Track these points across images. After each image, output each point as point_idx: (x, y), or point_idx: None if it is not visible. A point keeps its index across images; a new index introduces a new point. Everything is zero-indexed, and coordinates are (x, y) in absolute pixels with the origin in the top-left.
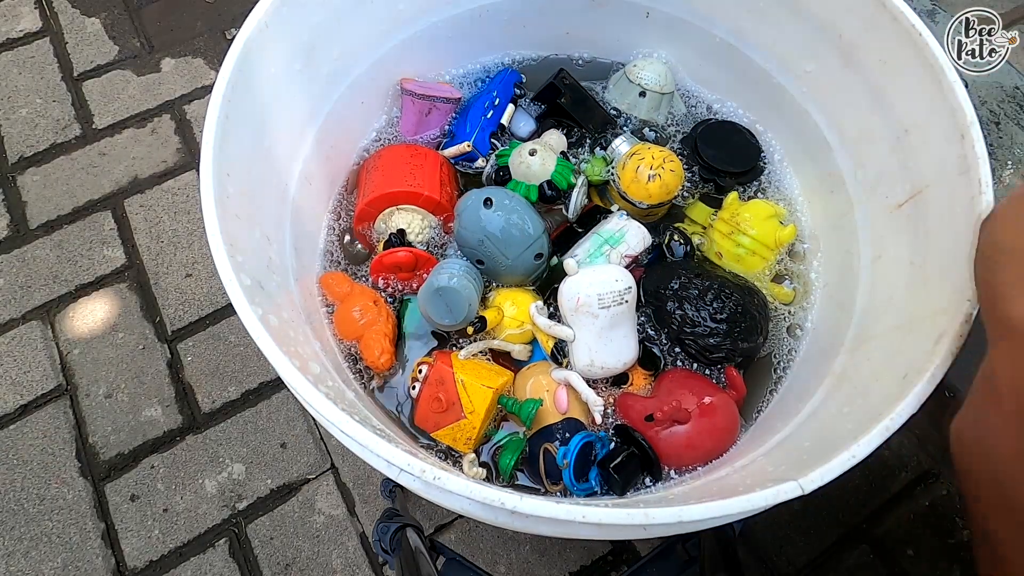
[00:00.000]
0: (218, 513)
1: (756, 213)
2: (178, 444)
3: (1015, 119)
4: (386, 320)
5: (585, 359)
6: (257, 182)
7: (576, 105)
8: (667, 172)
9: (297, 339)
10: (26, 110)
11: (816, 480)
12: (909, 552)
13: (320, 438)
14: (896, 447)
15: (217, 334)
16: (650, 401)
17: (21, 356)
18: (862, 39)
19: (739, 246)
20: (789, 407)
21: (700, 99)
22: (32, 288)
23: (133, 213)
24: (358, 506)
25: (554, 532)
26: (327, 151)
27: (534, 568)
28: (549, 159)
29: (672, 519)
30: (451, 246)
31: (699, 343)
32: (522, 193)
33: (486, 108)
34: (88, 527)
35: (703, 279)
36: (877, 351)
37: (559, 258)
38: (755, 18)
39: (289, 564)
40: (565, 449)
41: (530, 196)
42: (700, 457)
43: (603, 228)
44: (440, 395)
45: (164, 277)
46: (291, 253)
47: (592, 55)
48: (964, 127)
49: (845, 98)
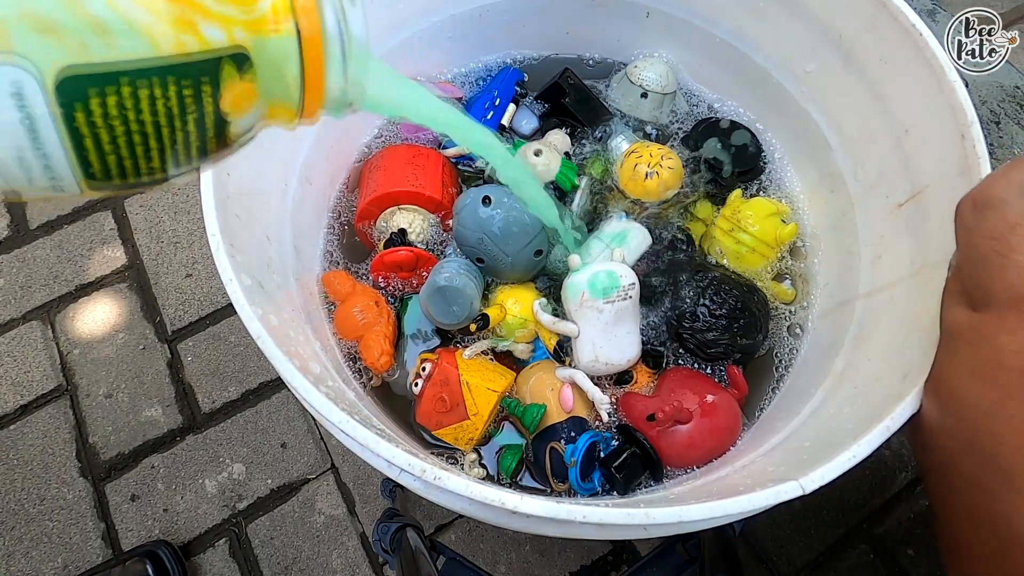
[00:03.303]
0: (218, 513)
1: (758, 211)
2: (178, 444)
3: (1015, 119)
4: (387, 321)
5: (589, 355)
6: (257, 182)
7: (580, 105)
8: (665, 170)
9: (297, 339)
10: None
11: (816, 480)
12: (909, 552)
13: (320, 438)
14: (896, 447)
15: (217, 334)
16: (652, 400)
17: (21, 356)
18: (862, 39)
19: (739, 243)
20: (789, 407)
21: (700, 98)
22: (32, 288)
23: (133, 213)
24: (358, 506)
25: (554, 532)
26: (327, 150)
27: (534, 568)
28: (554, 160)
29: (672, 519)
30: (451, 245)
31: (697, 338)
32: None
33: (486, 108)
34: (88, 527)
35: (703, 275)
36: (877, 351)
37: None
38: (755, 18)
39: (289, 564)
40: (572, 447)
41: None
42: (702, 456)
43: (604, 231)
44: (444, 395)
45: (164, 277)
46: (291, 253)
47: (593, 55)
48: (964, 127)
49: (845, 98)
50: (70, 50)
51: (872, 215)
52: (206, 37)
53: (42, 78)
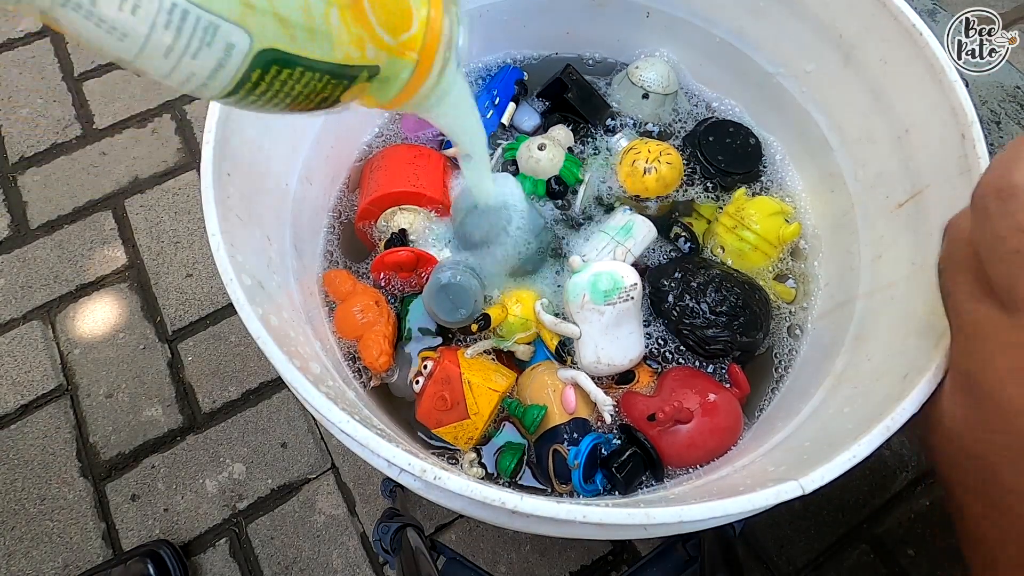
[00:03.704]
0: (218, 513)
1: (761, 209)
2: (178, 444)
3: (1015, 119)
4: (387, 321)
5: (592, 356)
6: (258, 182)
7: (583, 101)
8: (664, 165)
9: (297, 339)
10: (27, 110)
11: (816, 480)
12: (909, 552)
13: (320, 438)
14: (896, 447)
15: (217, 334)
16: (653, 400)
17: (21, 356)
18: (862, 39)
19: (742, 241)
20: (790, 407)
21: (700, 98)
22: (32, 288)
23: (133, 213)
24: (358, 506)
25: (554, 532)
26: (328, 150)
27: (534, 568)
28: (558, 155)
29: (672, 519)
30: (451, 245)
31: (697, 334)
32: (529, 188)
33: (486, 108)
34: (89, 527)
35: (705, 271)
36: (877, 351)
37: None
38: (755, 18)
39: (289, 564)
40: (576, 450)
41: (537, 191)
42: (703, 456)
43: (608, 224)
44: (445, 394)
45: (164, 277)
46: (291, 253)
47: (594, 54)
48: (965, 127)
49: (845, 98)
50: (282, 37)
51: (872, 215)
52: (367, 55)
53: (251, 45)
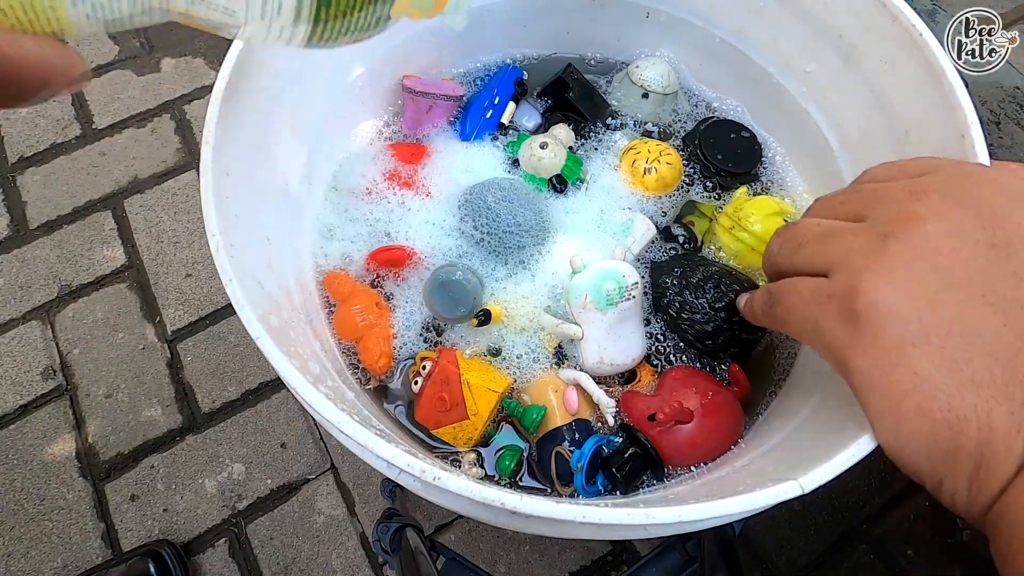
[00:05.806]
0: (218, 513)
1: (760, 209)
2: (178, 444)
3: (1015, 119)
4: (387, 323)
5: (595, 357)
6: (257, 182)
7: (584, 100)
8: (663, 165)
9: (297, 339)
10: (26, 110)
11: (816, 480)
12: (909, 552)
13: (320, 438)
14: None
15: (217, 334)
16: (653, 400)
17: (21, 356)
18: (862, 39)
19: (740, 241)
20: (789, 407)
21: (700, 98)
22: (32, 288)
23: (133, 213)
24: (358, 506)
25: (554, 532)
26: (329, 149)
27: (534, 568)
28: (560, 153)
29: (672, 519)
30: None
31: (696, 328)
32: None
33: (485, 108)
34: (88, 527)
35: (705, 268)
36: None
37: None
38: (755, 18)
39: (289, 564)
40: (579, 453)
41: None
42: (703, 455)
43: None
44: (444, 395)
45: (164, 277)
46: (291, 253)
47: (594, 54)
48: (965, 127)
49: (845, 98)
50: None
51: None
52: None
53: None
